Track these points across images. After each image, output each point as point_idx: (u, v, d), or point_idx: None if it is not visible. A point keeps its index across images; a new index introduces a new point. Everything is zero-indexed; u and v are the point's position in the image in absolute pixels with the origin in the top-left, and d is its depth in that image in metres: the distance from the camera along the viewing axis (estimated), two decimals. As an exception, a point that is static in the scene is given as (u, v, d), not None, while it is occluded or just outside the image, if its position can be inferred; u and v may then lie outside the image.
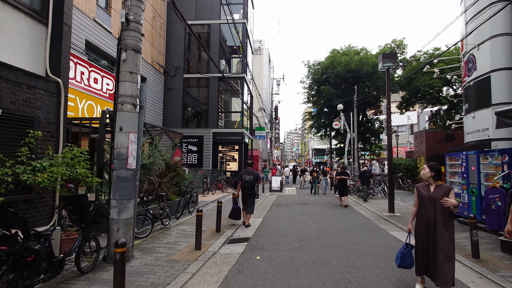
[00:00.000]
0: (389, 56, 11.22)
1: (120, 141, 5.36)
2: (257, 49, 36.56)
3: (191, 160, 19.12)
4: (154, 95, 18.67)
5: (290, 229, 8.28)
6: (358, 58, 26.15)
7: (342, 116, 24.00)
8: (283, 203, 13.58)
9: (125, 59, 5.46)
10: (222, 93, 22.60)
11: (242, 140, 20.22)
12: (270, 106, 35.67)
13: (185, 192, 9.88)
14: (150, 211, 7.29)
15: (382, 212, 11.14)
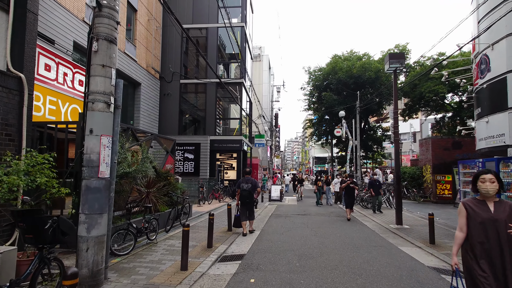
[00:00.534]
0: (396, 56, 10.53)
1: (91, 145, 4.62)
2: (257, 56, 36.08)
3: (187, 168, 18.36)
4: (149, 101, 18.00)
5: (289, 244, 7.47)
6: (361, 63, 25.54)
7: (344, 123, 23.29)
8: (283, 214, 12.76)
9: (96, 50, 4.75)
10: (220, 100, 21.94)
11: (241, 148, 19.47)
12: (270, 113, 35.01)
13: (177, 202, 9.09)
14: (133, 224, 6.51)
15: (389, 224, 10.32)
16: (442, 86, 24.30)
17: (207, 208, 13.61)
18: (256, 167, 24.09)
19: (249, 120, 24.27)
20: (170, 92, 19.78)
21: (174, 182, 10.31)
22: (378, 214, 12.82)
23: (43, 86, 8.02)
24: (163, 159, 10.86)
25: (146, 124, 17.53)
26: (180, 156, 18.46)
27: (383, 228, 9.81)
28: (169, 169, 10.29)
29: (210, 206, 14.08)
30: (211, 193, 15.30)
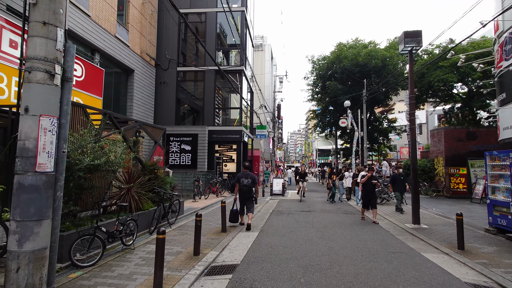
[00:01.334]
0: (412, 34, 9.14)
1: (25, 129, 3.40)
2: (259, 45, 34.61)
3: (184, 160, 17.16)
4: (143, 90, 16.73)
5: (292, 250, 6.25)
6: (366, 51, 24.03)
7: (350, 113, 21.91)
8: (285, 211, 11.54)
9: (35, 1, 3.48)
10: (219, 89, 20.64)
11: (241, 139, 18.21)
12: (272, 104, 33.66)
13: (163, 199, 7.87)
14: (101, 228, 5.30)
15: (405, 223, 9.08)
16: (452, 75, 22.82)
17: (203, 203, 12.41)
18: (258, 160, 22.87)
19: (250, 110, 22.96)
20: (167, 80, 18.51)
21: (164, 175, 9.09)
22: (386, 210, 11.58)
23: None
24: (151, 149, 9.61)
25: (140, 113, 16.30)
26: (177, 147, 17.25)
27: (399, 228, 8.56)
28: (157, 161, 9.05)
29: (206, 202, 12.89)
30: (208, 187, 14.10)
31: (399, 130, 29.76)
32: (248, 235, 7.42)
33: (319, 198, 16.04)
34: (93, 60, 12.94)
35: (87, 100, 9.66)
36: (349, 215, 10.70)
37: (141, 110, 16.40)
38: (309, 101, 30.32)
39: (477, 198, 13.59)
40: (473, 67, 23.07)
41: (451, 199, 15.20)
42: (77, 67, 9.23)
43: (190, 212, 10.37)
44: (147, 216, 7.45)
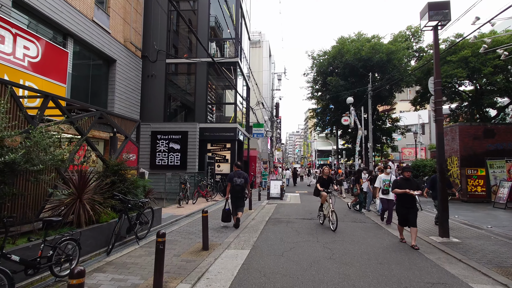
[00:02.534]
0: (438, 6, 7.42)
1: None
2: (256, 42, 32.93)
3: (173, 160, 15.40)
4: (127, 82, 14.98)
5: (293, 279, 4.50)
6: (370, 44, 22.35)
7: (352, 111, 20.21)
8: (284, 218, 9.79)
9: None
10: (212, 84, 18.91)
11: (235, 137, 16.47)
12: (270, 103, 31.93)
13: (126, 208, 6.08)
14: (11, 256, 3.53)
15: (430, 236, 7.35)
16: (461, 70, 21.19)
17: (189, 209, 10.64)
18: (254, 160, 21.13)
19: (247, 107, 21.23)
20: (155, 74, 16.79)
21: (136, 177, 7.35)
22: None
23: None
24: (120, 146, 7.86)
25: (123, 108, 14.54)
26: (165, 146, 15.50)
27: (424, 243, 6.82)
28: (127, 160, 7.27)
29: (192, 207, 11.12)
30: (196, 190, 12.32)
31: (403, 129, 28.06)
32: (236, 255, 5.66)
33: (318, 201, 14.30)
34: (65, 46, 11.22)
35: (45, 86, 7.92)
36: (358, 224, 8.96)
37: (124, 105, 14.64)
38: (308, 99, 28.54)
39: (501, 203, 11.86)
40: (483, 62, 21.50)
41: (469, 203, 13.47)
42: (29, 45, 7.49)
43: (171, 221, 8.61)
44: (105, 231, 5.69)
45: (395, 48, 22.00)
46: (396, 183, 6.96)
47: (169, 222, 8.39)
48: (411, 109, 44.29)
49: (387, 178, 8.77)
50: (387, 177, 8.80)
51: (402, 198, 6.72)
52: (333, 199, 8.41)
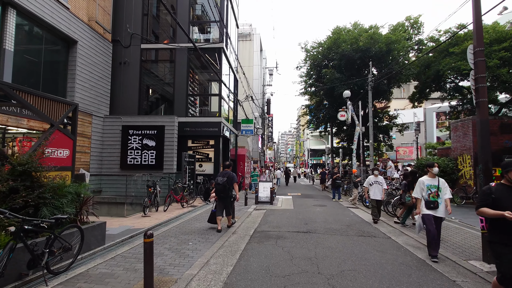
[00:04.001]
0: None
1: None
2: (247, 35, 30.82)
3: (147, 159, 13.17)
4: (94, 69, 12.72)
5: None
6: (369, 34, 20.38)
7: (350, 105, 18.21)
8: (273, 231, 7.66)
9: None
10: (195, 73, 16.72)
11: (220, 133, 14.32)
12: (261, 99, 29.82)
13: (20, 231, 3.85)
14: None
15: (468, 260, 5.32)
16: (465, 63, 19.34)
17: (155, 219, 8.44)
18: (243, 159, 18.99)
19: (234, 101, 19.05)
20: (128, 60, 14.55)
21: (63, 182, 5.14)
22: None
23: None
24: (40, 137, 5.65)
25: (87, 99, 12.29)
26: (137, 143, 13.27)
27: (467, 273, 4.77)
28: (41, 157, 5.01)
29: (161, 216, 8.92)
30: (169, 194, 10.10)
31: (400, 127, 26.21)
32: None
33: (318, 207, 12.23)
34: (3, 17, 8.94)
35: None
36: (368, 239, 6.89)
37: (88, 94, 12.36)
38: (301, 94, 26.43)
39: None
40: (488, 54, 19.71)
41: (487, 208, 11.54)
42: None
43: (124, 238, 6.41)
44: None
45: (396, 37, 20.08)
46: (488, 195, 3.41)
47: (119, 240, 6.19)
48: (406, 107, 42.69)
49: (433, 183, 5.68)
50: (433, 181, 5.73)
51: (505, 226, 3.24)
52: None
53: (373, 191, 8.95)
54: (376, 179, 9.05)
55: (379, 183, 8.96)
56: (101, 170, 13.20)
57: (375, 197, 8.87)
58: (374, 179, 9.09)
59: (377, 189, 8.93)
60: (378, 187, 8.94)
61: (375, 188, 8.95)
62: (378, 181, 9.00)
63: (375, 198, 8.86)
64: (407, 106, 43.19)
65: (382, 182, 8.97)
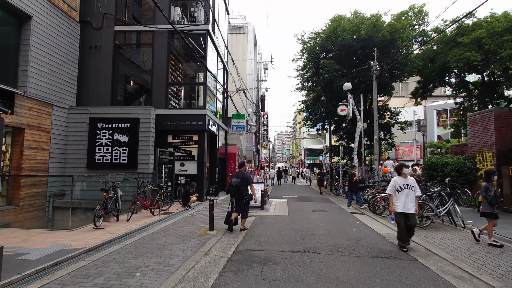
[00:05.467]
0: None
1: None
2: (240, 27, 28.89)
3: (118, 157, 11.18)
4: (55, 51, 10.72)
5: None
6: (371, 21, 18.52)
7: (351, 99, 16.29)
8: (260, 250, 5.71)
9: None
10: (179, 61, 14.73)
11: (204, 127, 12.36)
12: (255, 95, 27.88)
13: None
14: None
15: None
16: (475, 53, 17.56)
17: (108, 234, 6.44)
18: (234, 157, 17.06)
19: (223, 93, 17.06)
20: (100, 44, 12.54)
21: None
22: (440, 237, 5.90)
23: None
24: None
25: (44, 85, 10.29)
26: (107, 138, 11.27)
27: None
28: None
29: (117, 229, 6.93)
30: (134, 200, 8.11)
31: (403, 124, 24.38)
32: None
33: (317, 214, 10.31)
34: None
35: None
36: (387, 263, 4.96)
37: (47, 81, 10.35)
38: (298, 90, 24.49)
39: None
40: (499, 44, 17.92)
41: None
42: None
43: (44, 266, 4.41)
44: None
45: (400, 25, 18.23)
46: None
47: (32, 271, 4.19)
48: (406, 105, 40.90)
49: None
50: None
51: None
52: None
53: (402, 200, 5.85)
54: (406, 182, 5.96)
55: (410, 187, 5.90)
56: (64, 170, 11.20)
57: (405, 209, 5.79)
58: (402, 181, 5.99)
59: (408, 198, 5.86)
60: (410, 194, 5.88)
61: (404, 195, 5.87)
62: (409, 184, 5.92)
63: (405, 211, 5.79)
64: (406, 104, 41.47)
65: (414, 187, 5.94)
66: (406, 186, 5.89)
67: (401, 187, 5.91)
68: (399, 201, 5.86)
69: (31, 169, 9.79)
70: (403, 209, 5.79)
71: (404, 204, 5.81)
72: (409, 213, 5.77)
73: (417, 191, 5.95)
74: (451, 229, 7.56)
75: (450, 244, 6.17)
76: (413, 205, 5.81)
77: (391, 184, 6.10)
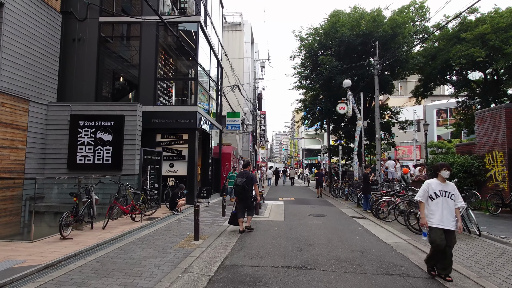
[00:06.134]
0: None
1: None
2: (237, 24, 28.05)
3: (101, 157, 10.28)
4: (32, 42, 9.83)
5: None
6: (372, 15, 17.73)
7: (350, 96, 15.46)
8: (249, 266, 4.85)
9: None
10: (169, 55, 13.85)
11: (195, 125, 11.50)
12: (252, 93, 27.03)
13: None
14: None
15: None
16: (479, 50, 16.79)
17: (75, 245, 5.56)
18: (228, 158, 16.19)
19: (217, 90, 16.19)
20: (83, 37, 11.66)
21: None
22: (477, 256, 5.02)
23: None
24: None
25: (20, 79, 9.40)
26: (90, 137, 10.37)
27: None
28: None
29: (88, 239, 6.05)
30: (111, 205, 7.21)
31: (403, 123, 23.58)
32: None
33: (315, 218, 9.48)
34: None
35: None
36: (400, 282, 4.11)
37: (22, 74, 9.45)
38: (295, 88, 23.65)
39: None
40: (504, 40, 17.19)
41: (531, 219, 8.84)
42: None
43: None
44: None
45: (402, 20, 17.43)
46: None
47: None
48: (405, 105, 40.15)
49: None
50: None
51: None
52: None
53: (438, 211, 4.33)
54: (444, 188, 4.40)
55: (449, 195, 4.36)
56: (43, 171, 10.30)
57: (442, 224, 4.26)
58: (438, 186, 4.43)
59: (447, 208, 4.32)
60: (448, 204, 4.33)
61: (440, 205, 4.34)
62: (447, 191, 4.38)
63: (443, 226, 4.26)
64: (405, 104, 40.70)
65: (455, 195, 4.38)
66: (443, 193, 4.36)
67: (436, 193, 4.38)
68: (434, 212, 4.35)
69: (4, 171, 8.90)
70: (440, 224, 4.26)
71: (442, 216, 4.28)
72: (448, 229, 4.25)
73: (459, 200, 4.39)
74: (465, 237, 6.73)
75: (468, 257, 5.34)
76: (453, 218, 4.30)
77: (422, 189, 4.52)
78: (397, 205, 8.58)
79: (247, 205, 7.28)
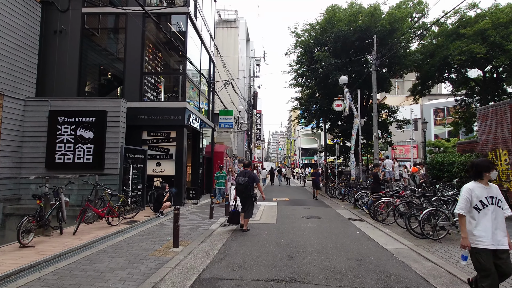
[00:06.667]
0: None
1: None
2: (231, 21, 27.38)
3: (82, 156, 9.59)
4: (9, 34, 9.12)
5: None
6: (369, 10, 17.13)
7: (347, 93, 14.84)
8: (230, 279, 4.20)
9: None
10: (158, 50, 13.16)
11: (184, 122, 10.83)
12: (247, 91, 26.37)
13: None
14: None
15: None
16: (479, 46, 16.26)
17: (35, 255, 4.86)
18: (221, 157, 15.53)
19: (209, 87, 15.51)
20: (65, 28, 10.97)
21: None
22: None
23: None
24: None
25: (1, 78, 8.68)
26: (70, 134, 9.67)
27: None
28: None
29: (52, 247, 5.36)
30: (83, 208, 6.52)
31: (401, 122, 23.01)
32: None
33: (309, 221, 8.84)
34: None
35: None
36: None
37: (4, 70, 8.75)
38: (291, 86, 23.01)
39: None
40: (504, 36, 16.67)
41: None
42: None
43: None
44: None
45: (400, 15, 16.84)
46: None
47: None
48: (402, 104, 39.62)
49: None
50: None
51: None
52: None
53: (487, 226, 3.12)
54: (490, 193, 3.19)
55: (496, 201, 3.18)
56: (20, 170, 9.59)
57: (494, 242, 3.09)
58: (483, 191, 3.19)
59: (497, 220, 3.14)
60: (498, 215, 3.16)
61: (490, 218, 3.13)
62: (494, 197, 3.18)
63: (495, 246, 3.08)
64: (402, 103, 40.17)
65: (502, 200, 3.22)
66: (491, 200, 3.17)
67: (482, 201, 3.16)
68: (482, 228, 3.13)
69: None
70: (493, 243, 3.08)
71: (492, 234, 3.10)
72: (501, 249, 3.09)
73: (506, 207, 3.23)
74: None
75: (479, 266, 4.70)
76: (504, 234, 3.13)
77: (463, 197, 3.21)
78: (397, 206, 7.96)
79: (247, 204, 7.24)
